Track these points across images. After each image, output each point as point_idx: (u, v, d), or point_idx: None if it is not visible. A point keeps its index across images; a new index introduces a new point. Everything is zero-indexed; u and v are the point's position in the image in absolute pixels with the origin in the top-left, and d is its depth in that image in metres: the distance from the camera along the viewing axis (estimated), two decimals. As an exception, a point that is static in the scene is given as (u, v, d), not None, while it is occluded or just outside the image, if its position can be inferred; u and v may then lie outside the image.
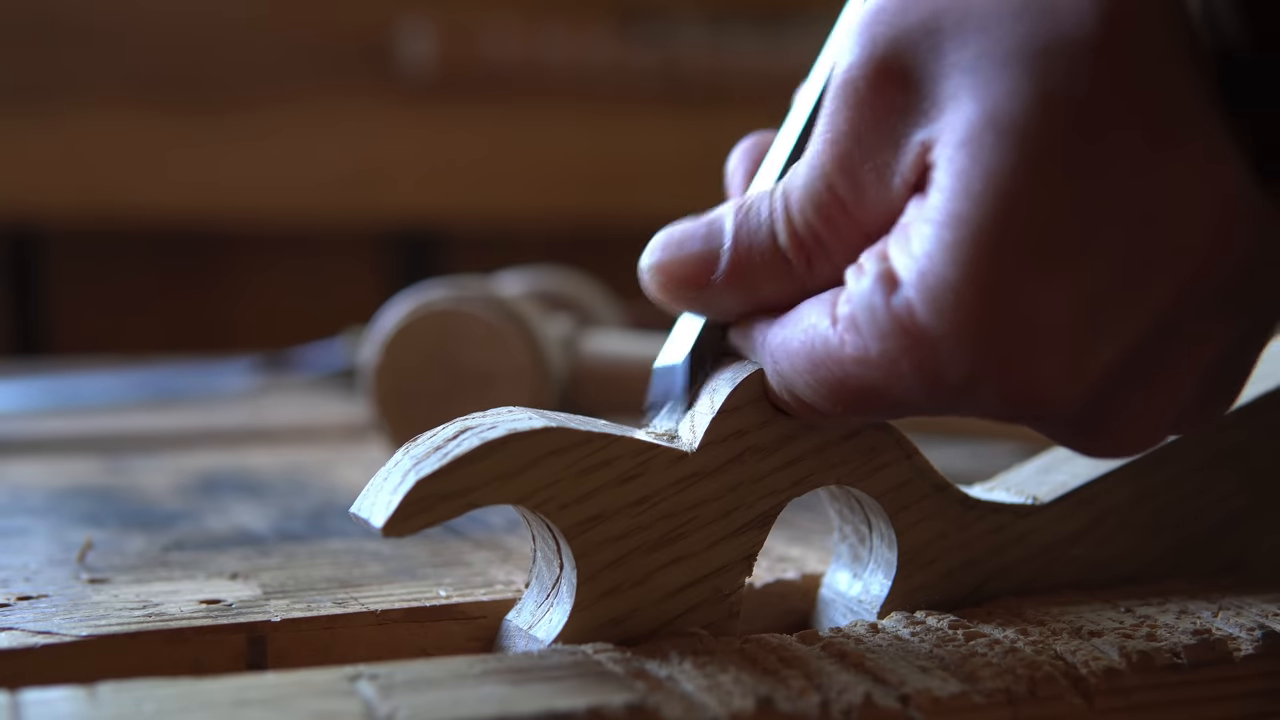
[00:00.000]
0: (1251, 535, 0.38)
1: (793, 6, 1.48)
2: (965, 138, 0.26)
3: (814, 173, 0.29)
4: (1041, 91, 0.26)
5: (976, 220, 0.26)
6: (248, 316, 1.42)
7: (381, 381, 0.56)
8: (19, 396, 0.85)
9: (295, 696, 0.26)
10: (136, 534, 0.44)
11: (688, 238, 0.31)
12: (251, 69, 1.33)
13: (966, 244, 0.26)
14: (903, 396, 0.28)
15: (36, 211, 1.30)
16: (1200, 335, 0.28)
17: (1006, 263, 0.26)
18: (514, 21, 1.39)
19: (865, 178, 0.28)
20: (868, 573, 0.34)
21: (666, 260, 0.31)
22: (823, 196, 0.29)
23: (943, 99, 0.27)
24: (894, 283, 0.27)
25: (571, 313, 0.69)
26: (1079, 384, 0.27)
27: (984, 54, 0.27)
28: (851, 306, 0.28)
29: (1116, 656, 0.30)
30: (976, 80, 0.27)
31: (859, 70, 0.28)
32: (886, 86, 0.28)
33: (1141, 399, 0.28)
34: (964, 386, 0.27)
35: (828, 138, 0.29)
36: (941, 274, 0.26)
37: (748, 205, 0.31)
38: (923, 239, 0.27)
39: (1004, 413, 0.28)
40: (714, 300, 0.31)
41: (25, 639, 0.31)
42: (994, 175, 0.26)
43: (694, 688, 0.27)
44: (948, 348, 0.26)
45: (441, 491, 0.28)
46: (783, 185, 0.30)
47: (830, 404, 0.29)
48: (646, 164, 1.43)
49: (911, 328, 0.27)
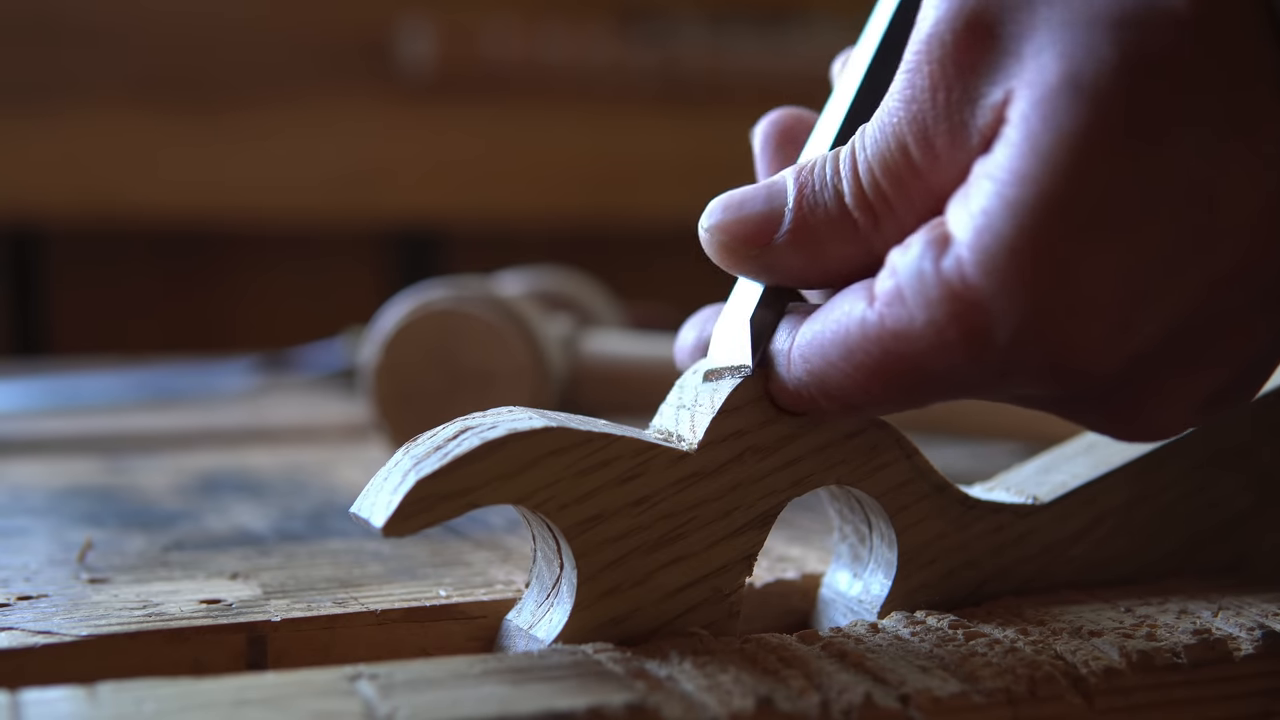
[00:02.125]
0: (1252, 535, 0.38)
1: (793, 6, 1.48)
2: (1043, 95, 0.26)
3: (886, 131, 0.29)
4: (1125, 58, 0.26)
5: (1042, 179, 0.26)
6: (248, 317, 1.42)
7: (381, 381, 0.56)
8: (19, 396, 0.85)
9: (295, 696, 0.26)
10: (136, 534, 0.44)
11: (748, 198, 0.30)
12: (252, 69, 1.33)
13: (1028, 202, 0.26)
14: (947, 369, 0.27)
15: (37, 211, 1.30)
16: (1239, 326, 0.28)
17: (1067, 225, 0.26)
18: (514, 21, 1.39)
19: (939, 138, 0.28)
20: (868, 572, 0.34)
21: (728, 220, 0.30)
22: (894, 157, 0.29)
23: (1026, 55, 0.27)
24: (945, 243, 0.27)
25: (571, 313, 0.69)
26: (1117, 354, 0.27)
27: (1074, 14, 0.26)
28: (896, 279, 0.27)
29: (1116, 656, 0.30)
30: (1063, 38, 0.26)
31: (947, 25, 0.28)
32: (973, 42, 0.27)
33: (1173, 384, 0.28)
34: (1009, 349, 0.26)
35: (906, 94, 0.28)
36: (999, 231, 0.26)
37: (811, 166, 0.30)
38: (983, 195, 0.26)
39: (1044, 378, 0.27)
40: (777, 260, 0.30)
41: (25, 639, 0.31)
42: (1066, 135, 0.26)
43: (694, 688, 0.27)
44: (998, 307, 0.26)
45: (441, 491, 0.28)
46: (851, 145, 0.30)
47: (869, 390, 0.28)
48: (646, 164, 1.43)
49: (961, 289, 0.26)
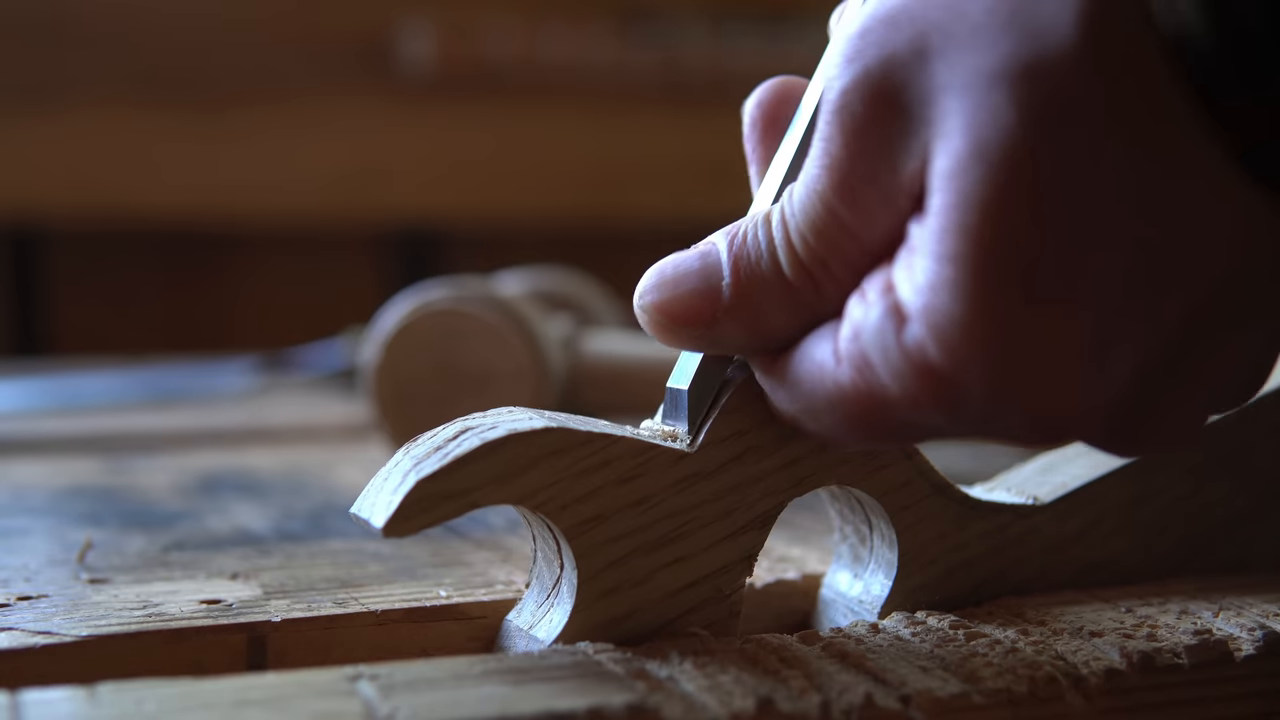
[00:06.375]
0: (1252, 535, 0.38)
1: (793, 6, 1.48)
2: (954, 168, 0.26)
3: (811, 197, 0.28)
4: (1026, 117, 0.25)
5: (972, 256, 0.25)
6: (248, 316, 1.42)
7: (381, 381, 0.56)
8: (19, 396, 0.85)
9: (295, 696, 0.26)
10: (136, 534, 0.44)
11: (682, 274, 0.30)
12: (252, 69, 1.33)
13: (966, 280, 0.25)
14: (931, 425, 0.27)
15: (37, 211, 1.30)
16: (1217, 343, 0.27)
17: (1008, 296, 0.25)
18: (514, 21, 1.39)
19: (866, 199, 0.28)
20: (868, 573, 0.34)
21: (664, 300, 0.30)
22: (823, 220, 0.28)
23: (934, 121, 0.26)
24: (902, 317, 0.26)
25: (571, 313, 0.69)
26: (1097, 405, 0.26)
27: (971, 75, 0.26)
28: (860, 344, 0.27)
29: (1117, 657, 0.30)
30: (964, 105, 0.26)
31: (853, 94, 0.27)
32: (880, 109, 0.27)
33: (1166, 406, 0.28)
34: (987, 411, 0.26)
35: (824, 163, 0.28)
36: (947, 309, 0.26)
37: (742, 234, 0.29)
38: (924, 271, 0.26)
39: (1029, 429, 0.27)
40: (720, 336, 0.29)
41: (25, 639, 0.31)
42: (985, 208, 0.25)
43: (694, 688, 0.27)
44: (964, 380, 0.26)
45: (442, 491, 0.28)
46: (779, 210, 0.29)
47: (856, 438, 0.29)
48: (646, 164, 1.43)
49: (925, 366, 0.26)
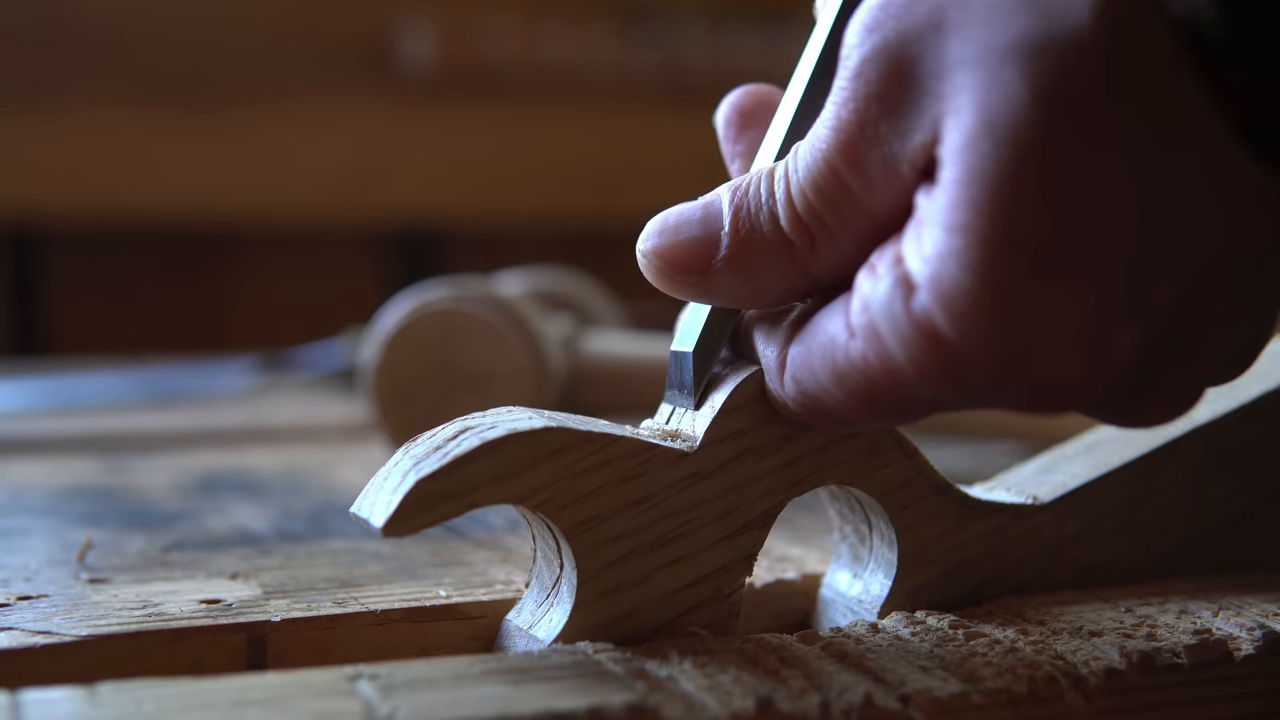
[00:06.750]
0: (1252, 535, 0.38)
1: (793, 6, 1.48)
2: (964, 142, 0.26)
3: (816, 156, 0.29)
4: (1037, 93, 0.26)
5: (981, 229, 0.26)
6: (247, 316, 1.42)
7: (381, 381, 0.56)
8: (19, 396, 0.85)
9: (295, 696, 0.26)
10: (136, 534, 0.44)
11: (684, 222, 0.31)
12: (251, 69, 1.33)
13: (974, 250, 0.26)
14: (935, 397, 0.28)
15: (37, 211, 1.30)
16: (1215, 319, 0.28)
17: (1015, 268, 0.26)
18: (514, 21, 1.39)
19: (872, 166, 0.28)
20: (868, 573, 0.34)
21: (664, 245, 0.31)
22: (827, 180, 0.29)
23: (946, 96, 0.27)
24: (911, 287, 0.27)
25: (571, 313, 0.69)
26: (1099, 376, 0.27)
27: (984, 51, 0.26)
28: (870, 315, 0.28)
29: (1117, 656, 0.30)
30: (976, 80, 0.26)
31: (870, 63, 0.28)
32: (894, 79, 0.28)
33: (1166, 381, 0.28)
34: (992, 380, 0.27)
35: (833, 125, 0.29)
36: (955, 278, 0.26)
37: (745, 186, 0.30)
38: (932, 241, 0.27)
39: (1032, 399, 0.28)
40: (715, 286, 0.30)
41: (25, 639, 0.31)
42: (994, 183, 0.26)
43: (694, 688, 0.27)
44: (971, 350, 0.26)
45: (441, 491, 0.28)
46: (783, 166, 0.30)
47: (862, 413, 0.29)
48: (646, 164, 1.43)
49: (933, 334, 0.27)
